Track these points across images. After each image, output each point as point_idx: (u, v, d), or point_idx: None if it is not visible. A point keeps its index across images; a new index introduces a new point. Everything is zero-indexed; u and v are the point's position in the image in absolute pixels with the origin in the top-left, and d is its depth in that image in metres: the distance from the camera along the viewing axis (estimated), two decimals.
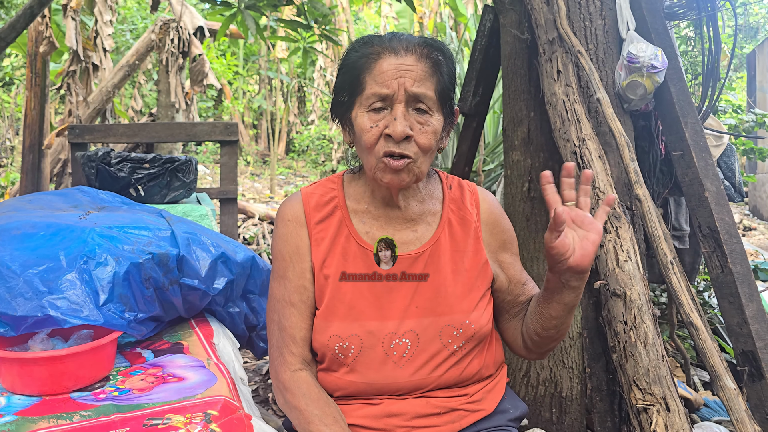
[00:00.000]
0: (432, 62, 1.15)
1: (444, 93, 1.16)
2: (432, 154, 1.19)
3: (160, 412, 1.12)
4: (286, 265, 1.25)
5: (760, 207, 9.18)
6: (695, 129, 2.03)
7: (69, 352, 1.19)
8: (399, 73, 1.13)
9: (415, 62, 1.14)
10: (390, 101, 1.14)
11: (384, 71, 1.13)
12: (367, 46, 1.17)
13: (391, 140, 1.13)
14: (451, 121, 1.22)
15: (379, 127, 1.13)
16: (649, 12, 2.15)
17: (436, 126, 1.16)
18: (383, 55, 1.15)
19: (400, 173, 1.15)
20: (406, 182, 1.16)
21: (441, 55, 1.17)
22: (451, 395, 1.22)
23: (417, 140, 1.14)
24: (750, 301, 1.84)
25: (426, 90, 1.13)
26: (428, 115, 1.15)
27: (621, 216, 1.79)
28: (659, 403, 1.54)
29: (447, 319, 1.20)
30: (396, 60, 1.14)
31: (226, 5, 4.29)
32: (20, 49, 7.06)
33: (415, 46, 1.15)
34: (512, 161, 2.36)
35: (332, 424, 1.14)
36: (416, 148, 1.14)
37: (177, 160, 2.33)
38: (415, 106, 1.14)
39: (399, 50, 1.14)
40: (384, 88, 1.13)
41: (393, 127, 1.12)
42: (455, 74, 1.21)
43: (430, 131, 1.14)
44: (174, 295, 1.46)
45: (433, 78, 1.15)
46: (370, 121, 1.14)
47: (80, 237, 1.37)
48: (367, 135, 1.15)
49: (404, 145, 1.13)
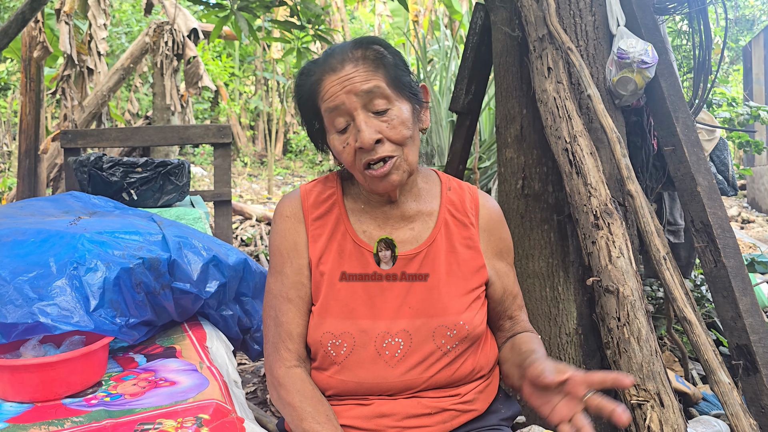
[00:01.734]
0: (371, 59, 1.15)
1: (397, 80, 1.16)
2: (413, 143, 1.18)
3: (151, 416, 1.12)
4: (284, 260, 1.25)
5: (758, 199, 9.18)
6: (686, 124, 2.03)
7: (60, 359, 1.19)
8: (343, 85, 1.13)
9: (354, 68, 1.14)
10: (348, 114, 1.14)
11: (328, 90, 1.14)
12: (309, 75, 1.19)
13: (364, 151, 1.13)
14: (419, 101, 1.21)
15: (351, 144, 1.14)
16: (639, 7, 2.15)
17: (403, 115, 1.15)
18: (324, 76, 1.16)
19: (388, 176, 1.15)
20: (398, 180, 1.16)
21: (378, 47, 1.17)
22: (442, 395, 1.22)
23: (389, 138, 1.13)
24: (744, 295, 1.84)
25: (376, 83, 1.13)
26: (389, 110, 1.14)
27: (613, 212, 1.79)
28: (653, 398, 1.54)
29: (440, 319, 1.20)
30: (335, 76, 1.14)
31: (220, 7, 4.29)
32: (14, 55, 7.05)
33: (350, 53, 1.15)
34: (505, 159, 2.36)
35: (325, 422, 1.14)
36: (392, 145, 1.14)
37: (170, 163, 2.33)
38: (374, 108, 1.13)
39: (336, 66, 1.15)
40: (333, 102, 1.14)
41: (360, 138, 1.12)
42: (403, 60, 1.20)
43: (397, 124, 1.14)
44: (166, 300, 1.46)
45: (379, 71, 1.14)
46: (340, 143, 1.16)
47: (70, 243, 1.37)
48: (343, 156, 1.16)
49: (378, 148, 1.13)
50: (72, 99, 5.93)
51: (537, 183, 2.24)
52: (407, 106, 1.17)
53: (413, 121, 1.18)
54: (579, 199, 1.85)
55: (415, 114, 1.19)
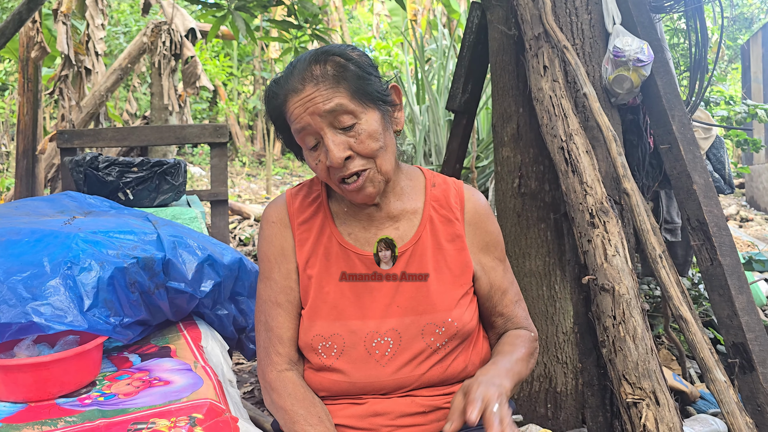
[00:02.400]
0: (330, 75, 1.12)
1: (360, 91, 1.13)
2: (385, 152, 1.16)
3: (144, 416, 1.12)
4: (272, 266, 1.26)
5: (756, 198, 9.18)
6: (682, 122, 2.03)
7: (53, 359, 1.18)
8: (306, 107, 1.11)
9: (314, 87, 1.11)
10: (316, 133, 1.13)
11: (293, 112, 1.13)
12: (274, 97, 1.18)
13: (336, 169, 1.13)
14: (386, 103, 1.18)
15: (322, 161, 1.14)
16: (635, 5, 2.15)
17: (371, 128, 1.13)
18: (287, 98, 1.14)
19: (363, 189, 1.15)
20: (375, 192, 1.17)
21: (337, 57, 1.14)
22: (436, 394, 1.22)
23: (359, 152, 1.12)
24: (740, 293, 1.84)
25: (338, 101, 1.10)
26: (356, 124, 1.12)
27: (609, 210, 1.79)
28: (649, 397, 1.54)
29: (429, 317, 1.20)
30: (298, 97, 1.12)
31: (217, 6, 4.28)
32: (12, 55, 7.04)
33: (309, 69, 1.12)
34: (502, 157, 2.36)
35: (317, 424, 1.14)
36: (362, 159, 1.13)
37: (165, 163, 2.33)
38: (340, 125, 1.12)
39: (297, 87, 1.12)
40: (299, 123, 1.13)
41: (330, 158, 1.11)
42: (367, 64, 1.17)
43: (365, 138, 1.12)
44: (160, 299, 1.46)
45: (340, 87, 1.11)
46: (312, 160, 1.16)
47: (64, 242, 1.36)
48: (317, 171, 1.17)
49: (349, 164, 1.12)
50: (70, 99, 5.92)
51: (534, 181, 2.24)
52: (375, 115, 1.14)
53: (383, 129, 1.15)
54: (575, 198, 1.85)
55: (385, 120, 1.17)
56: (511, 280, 1.34)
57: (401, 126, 1.23)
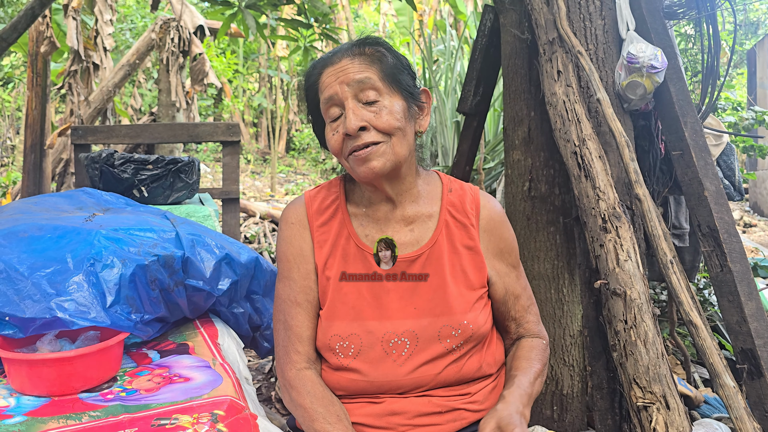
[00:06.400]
0: (369, 55, 1.20)
1: (391, 75, 1.19)
2: (403, 136, 1.19)
3: (167, 412, 1.14)
4: (291, 266, 1.28)
5: (760, 204, 9.18)
6: (695, 128, 2.05)
7: (77, 354, 1.20)
8: (337, 76, 1.18)
9: (350, 61, 1.19)
10: (341, 104, 1.18)
11: (325, 81, 1.20)
12: (313, 69, 1.24)
13: (350, 138, 1.17)
14: (416, 102, 1.24)
15: (339, 132, 1.18)
16: (649, 12, 2.16)
17: (392, 107, 1.18)
18: (323, 70, 1.21)
19: (369, 161, 1.17)
20: (380, 168, 1.17)
21: (378, 46, 1.22)
22: (452, 394, 1.24)
23: (375, 126, 1.16)
24: (749, 300, 1.85)
25: (368, 74, 1.17)
26: (379, 101, 1.17)
27: (621, 216, 1.80)
28: (659, 401, 1.56)
29: (445, 319, 1.22)
30: (333, 68, 1.19)
31: (227, 4, 4.30)
32: (21, 49, 7.06)
33: (350, 48, 1.21)
34: (513, 160, 2.38)
35: (336, 422, 1.16)
36: (377, 133, 1.17)
37: (180, 161, 2.35)
38: (364, 98, 1.17)
39: (335, 60, 1.20)
40: (328, 92, 1.18)
41: (346, 124, 1.15)
42: (404, 62, 1.24)
43: (385, 113, 1.17)
44: (179, 297, 1.48)
45: (373, 66, 1.18)
46: (331, 130, 1.20)
47: (87, 239, 1.38)
48: (331, 142, 1.20)
49: (363, 135, 1.16)
50: (78, 94, 5.94)
51: (544, 185, 2.25)
52: (400, 102, 1.19)
53: (404, 116, 1.20)
54: (587, 203, 1.87)
55: (409, 111, 1.22)
56: (524, 285, 1.36)
57: (424, 129, 1.26)
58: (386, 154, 1.17)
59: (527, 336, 1.36)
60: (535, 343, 1.35)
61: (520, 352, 1.33)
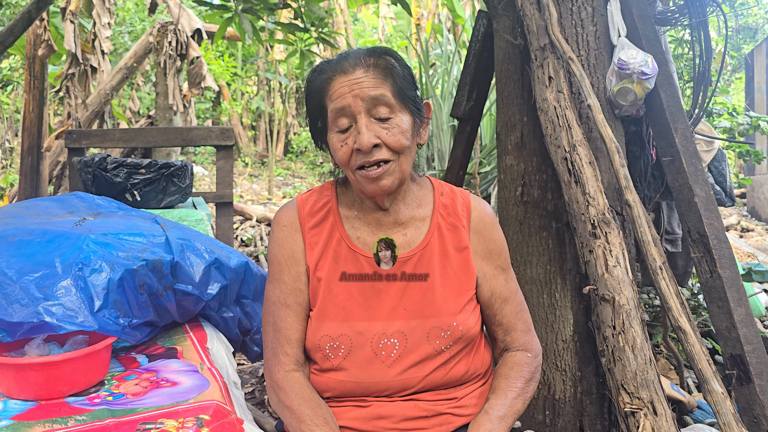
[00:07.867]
0: (382, 68, 1.19)
1: (402, 92, 1.20)
2: (410, 153, 1.22)
3: (153, 416, 1.14)
4: (282, 268, 1.29)
5: (758, 208, 9.20)
6: (685, 135, 2.06)
7: (64, 358, 1.21)
8: (351, 88, 1.17)
9: (364, 74, 1.18)
10: (352, 116, 1.17)
11: (337, 90, 1.19)
12: (321, 73, 1.23)
13: (361, 153, 1.17)
14: (420, 117, 1.25)
15: (348, 145, 1.18)
16: (640, 18, 2.17)
17: (403, 125, 1.19)
18: (334, 76, 1.20)
19: (379, 180, 1.18)
20: (388, 186, 1.20)
21: (390, 58, 1.21)
22: (439, 398, 1.24)
23: (387, 144, 1.17)
24: (738, 306, 1.86)
25: (384, 91, 1.17)
26: (391, 118, 1.18)
27: (610, 221, 1.81)
28: (647, 407, 1.56)
29: (434, 320, 1.23)
30: (346, 78, 1.18)
31: (224, 8, 4.31)
32: (19, 52, 7.07)
33: (363, 59, 1.20)
34: (505, 165, 2.38)
35: (323, 425, 1.16)
36: (388, 151, 1.18)
37: (173, 165, 2.35)
38: (377, 114, 1.17)
39: (347, 69, 1.19)
40: (340, 103, 1.18)
41: (359, 140, 1.15)
42: (411, 74, 1.24)
43: (397, 132, 1.18)
44: (168, 301, 1.48)
45: (387, 81, 1.18)
46: (339, 141, 1.19)
47: (75, 244, 1.39)
48: (338, 154, 1.20)
49: (375, 152, 1.16)
50: (76, 97, 5.95)
51: (536, 190, 2.26)
52: (409, 118, 1.21)
53: (413, 132, 1.22)
54: (577, 208, 1.87)
55: (415, 127, 1.23)
56: (513, 290, 1.36)
57: (424, 141, 1.28)
58: (395, 172, 1.19)
59: (512, 349, 1.36)
60: (519, 357, 1.34)
61: (500, 371, 1.33)
